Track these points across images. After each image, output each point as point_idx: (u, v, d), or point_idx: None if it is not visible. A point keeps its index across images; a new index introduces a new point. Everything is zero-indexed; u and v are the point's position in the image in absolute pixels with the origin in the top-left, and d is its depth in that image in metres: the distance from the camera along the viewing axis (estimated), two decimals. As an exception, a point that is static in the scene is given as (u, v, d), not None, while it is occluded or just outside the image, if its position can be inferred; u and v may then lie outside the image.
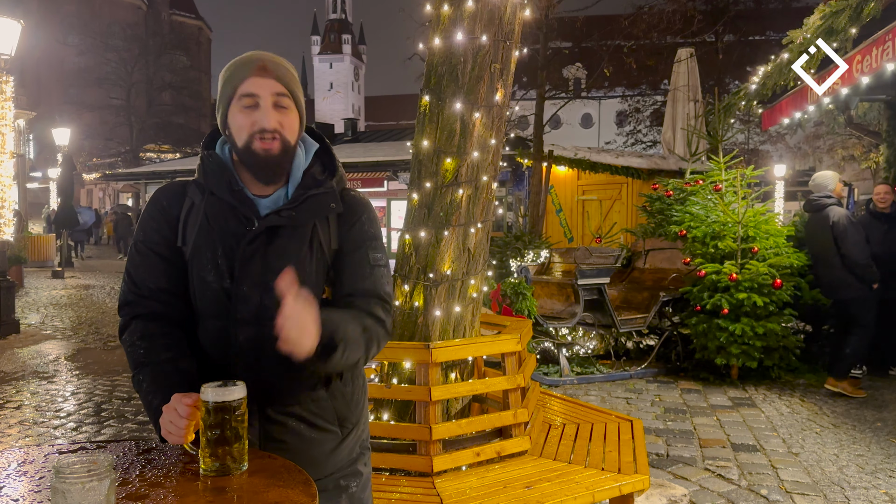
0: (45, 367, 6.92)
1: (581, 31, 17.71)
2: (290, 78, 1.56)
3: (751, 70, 8.49)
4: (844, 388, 5.67)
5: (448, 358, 2.89)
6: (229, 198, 1.55)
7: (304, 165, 1.61)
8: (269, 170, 1.54)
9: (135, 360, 1.55)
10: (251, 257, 1.53)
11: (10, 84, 9.09)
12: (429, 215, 3.07)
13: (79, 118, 38.10)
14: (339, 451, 1.63)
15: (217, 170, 1.58)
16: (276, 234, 1.54)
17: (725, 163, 6.82)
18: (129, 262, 1.62)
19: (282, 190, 1.58)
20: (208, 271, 1.54)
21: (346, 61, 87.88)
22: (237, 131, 1.54)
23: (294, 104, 1.56)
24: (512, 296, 6.31)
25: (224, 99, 1.55)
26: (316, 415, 1.58)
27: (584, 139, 47.95)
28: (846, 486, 3.87)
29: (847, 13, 5.69)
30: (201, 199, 1.57)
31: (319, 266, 1.58)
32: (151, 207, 1.63)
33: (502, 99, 3.11)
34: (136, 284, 1.59)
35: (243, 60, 1.55)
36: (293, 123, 1.56)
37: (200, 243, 1.55)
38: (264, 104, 1.51)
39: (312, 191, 1.56)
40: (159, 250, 1.59)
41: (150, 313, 1.58)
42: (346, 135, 29.56)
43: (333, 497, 1.63)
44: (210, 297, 1.55)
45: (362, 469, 1.71)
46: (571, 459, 2.96)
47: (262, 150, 1.51)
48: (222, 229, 1.55)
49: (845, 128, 15.37)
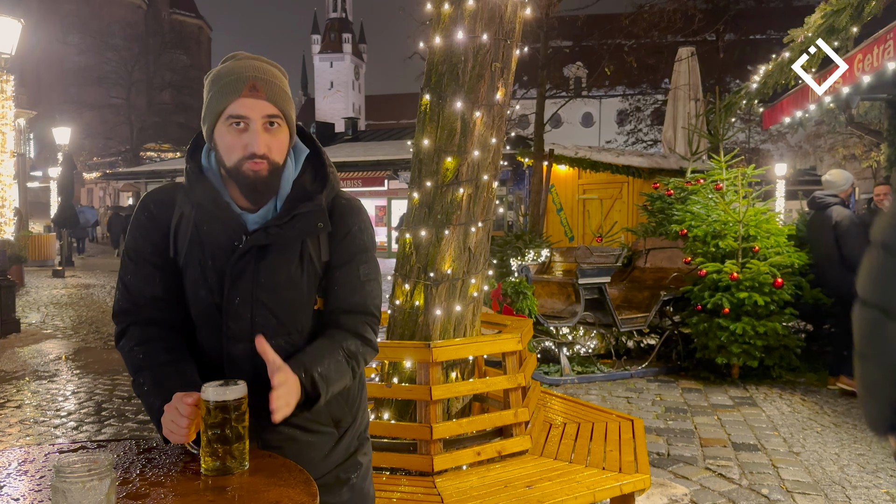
0: (45, 366, 6.92)
1: (582, 30, 17.71)
2: (281, 95, 1.51)
3: (752, 69, 8.50)
4: (853, 384, 5.66)
5: (449, 357, 2.88)
6: (217, 212, 1.53)
7: (293, 175, 1.57)
8: (258, 190, 1.51)
9: (134, 364, 1.54)
10: (240, 274, 1.51)
11: (10, 83, 9.09)
12: (429, 214, 3.07)
13: (79, 117, 38.10)
14: (336, 449, 1.64)
15: (202, 186, 1.54)
16: (266, 251, 1.52)
17: (726, 162, 6.81)
18: (123, 270, 1.60)
19: (270, 203, 1.54)
20: (200, 286, 1.54)
21: (346, 60, 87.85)
22: (225, 151, 1.50)
23: (285, 122, 1.52)
24: (512, 295, 6.31)
25: (212, 114, 1.50)
26: (311, 420, 1.58)
27: (584, 138, 47.91)
28: (847, 485, 3.87)
29: (848, 12, 5.69)
30: (191, 210, 1.54)
31: (311, 279, 1.56)
32: (140, 215, 1.60)
33: (503, 98, 3.10)
34: (131, 293, 1.58)
35: (234, 76, 1.48)
36: (282, 143, 1.52)
37: (191, 255, 1.54)
38: (255, 127, 1.47)
39: (301, 207, 1.52)
40: (152, 259, 1.57)
41: (146, 320, 1.57)
42: (347, 134, 29.57)
43: (335, 490, 1.63)
44: (203, 311, 1.55)
45: (362, 459, 1.71)
46: (572, 459, 2.96)
47: (251, 171, 1.48)
48: (212, 243, 1.53)
49: (846, 127, 15.37)
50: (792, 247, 6.40)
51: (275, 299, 1.53)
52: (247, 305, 1.52)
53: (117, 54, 45.57)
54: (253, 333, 1.49)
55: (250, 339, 1.49)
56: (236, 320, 1.52)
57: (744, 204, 6.44)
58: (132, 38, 48.21)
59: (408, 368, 3.07)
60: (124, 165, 39.77)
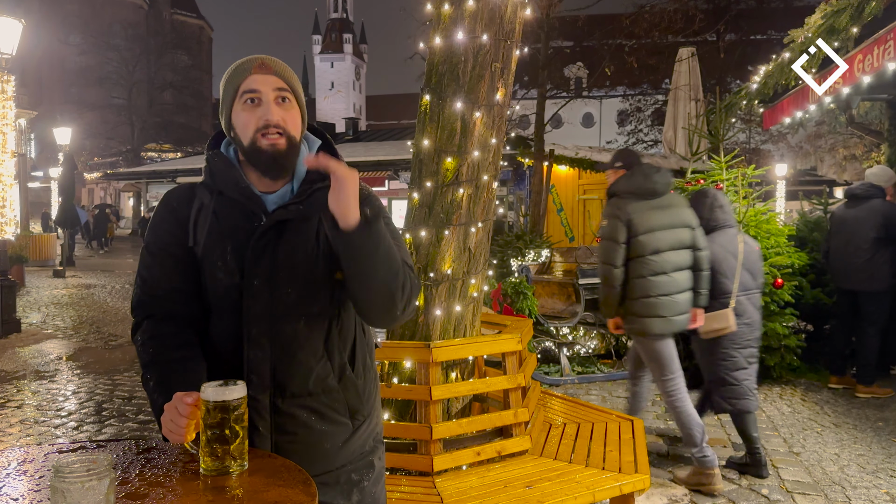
0: (46, 366, 6.93)
1: (582, 31, 17.73)
2: (290, 75, 1.59)
3: (752, 69, 8.49)
4: (874, 391, 5.66)
5: (448, 357, 2.88)
6: (237, 195, 1.57)
7: None
8: (276, 165, 1.55)
9: (144, 359, 1.56)
10: (261, 253, 1.54)
11: (11, 83, 9.09)
12: (429, 214, 3.07)
13: (80, 117, 38.12)
14: (350, 443, 1.63)
15: (223, 168, 1.59)
16: (284, 229, 1.55)
17: (726, 162, 6.80)
18: (142, 265, 1.63)
19: (287, 186, 1.60)
20: (219, 269, 1.55)
21: (347, 60, 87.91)
22: (242, 129, 1.55)
23: (295, 100, 1.58)
24: (513, 295, 6.31)
25: (227, 100, 1.58)
26: (328, 406, 1.59)
27: (585, 138, 47.94)
28: (847, 485, 3.87)
29: (848, 12, 5.68)
30: (210, 199, 1.59)
31: (328, 259, 1.57)
32: (162, 209, 1.65)
33: (503, 98, 3.11)
34: (150, 286, 1.60)
35: (243, 61, 1.58)
36: (296, 118, 1.58)
37: (211, 242, 1.57)
38: (266, 99, 1.53)
39: (318, 185, 1.57)
40: (172, 251, 1.60)
41: (162, 313, 1.59)
42: (348, 134, 29.59)
43: (345, 491, 1.62)
44: (221, 294, 1.56)
45: (376, 463, 1.71)
46: (572, 459, 2.96)
47: (268, 145, 1.53)
48: (232, 227, 1.56)
49: (847, 127, 15.38)
50: (792, 247, 6.40)
51: (294, 277, 1.54)
52: (267, 284, 1.54)
53: (118, 54, 45.63)
54: (272, 312, 1.53)
55: (269, 318, 1.53)
56: (257, 300, 1.53)
57: (744, 204, 6.44)
58: (133, 38, 48.28)
59: (408, 368, 3.07)
60: (125, 165, 39.83)
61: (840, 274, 5.91)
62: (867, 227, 5.63)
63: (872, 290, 5.60)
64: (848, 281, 5.81)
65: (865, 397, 5.66)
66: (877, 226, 5.58)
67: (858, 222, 5.69)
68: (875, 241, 5.57)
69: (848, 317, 5.88)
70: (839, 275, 5.93)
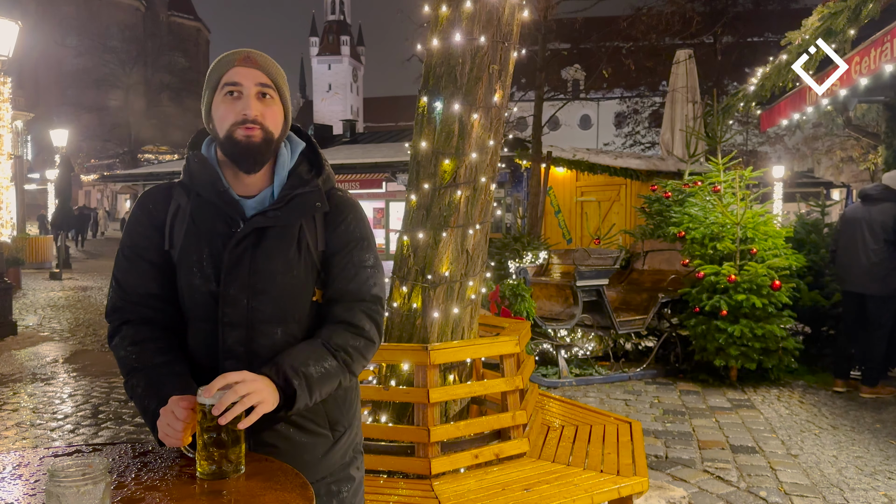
0: (42, 368, 6.90)
1: (580, 33, 17.72)
2: (276, 71, 1.54)
3: (749, 71, 8.50)
4: (878, 391, 5.66)
5: (446, 360, 2.88)
6: (214, 198, 1.53)
7: (289, 165, 1.58)
8: (251, 158, 1.50)
9: (127, 365, 1.52)
10: (238, 260, 1.50)
11: (7, 85, 9.08)
12: (427, 216, 3.06)
13: (77, 119, 38.11)
14: (330, 454, 1.61)
15: (201, 170, 1.55)
16: (263, 236, 1.51)
17: (724, 164, 6.82)
18: (117, 268, 1.59)
19: (267, 190, 1.56)
20: (195, 275, 1.52)
21: (344, 62, 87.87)
22: (220, 121, 1.51)
23: (279, 97, 1.54)
24: (510, 297, 6.30)
25: (208, 89, 1.53)
26: (307, 419, 1.56)
27: (582, 140, 47.97)
28: (845, 487, 3.87)
29: (845, 15, 5.70)
30: (187, 202, 1.55)
31: (308, 268, 1.55)
32: (137, 211, 1.60)
33: (501, 100, 3.10)
34: (125, 290, 1.57)
35: (228, 53, 1.54)
36: (276, 116, 1.53)
37: (187, 246, 1.53)
38: (247, 93, 1.49)
39: (298, 190, 1.54)
40: (147, 255, 1.56)
41: (139, 318, 1.56)
42: (345, 136, 29.53)
43: (324, 502, 1.61)
44: (197, 301, 1.53)
45: (354, 474, 1.69)
46: (570, 461, 2.95)
47: (243, 136, 1.48)
48: (209, 231, 1.52)
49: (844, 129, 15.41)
50: (790, 249, 6.41)
51: (272, 286, 1.51)
52: (244, 292, 1.50)
53: (115, 56, 45.59)
54: (249, 321, 1.49)
55: (247, 326, 1.50)
56: (233, 307, 1.50)
57: (741, 206, 6.45)
58: (130, 40, 48.22)
59: (405, 371, 3.07)
60: (122, 167, 39.78)
61: (846, 274, 5.88)
62: (877, 228, 5.63)
63: (880, 295, 5.60)
64: (853, 282, 5.79)
65: (869, 398, 5.66)
66: (887, 228, 5.58)
67: (869, 223, 5.70)
68: (885, 243, 5.58)
69: (853, 320, 5.85)
70: (845, 275, 5.90)
